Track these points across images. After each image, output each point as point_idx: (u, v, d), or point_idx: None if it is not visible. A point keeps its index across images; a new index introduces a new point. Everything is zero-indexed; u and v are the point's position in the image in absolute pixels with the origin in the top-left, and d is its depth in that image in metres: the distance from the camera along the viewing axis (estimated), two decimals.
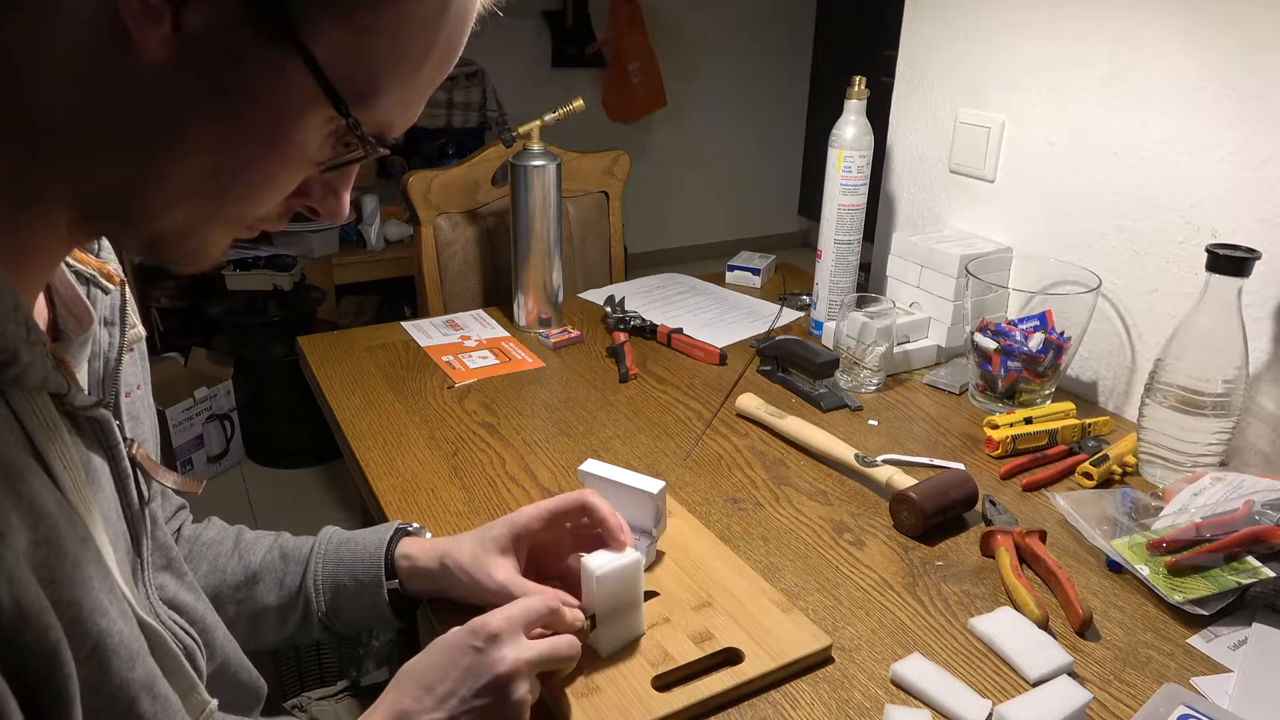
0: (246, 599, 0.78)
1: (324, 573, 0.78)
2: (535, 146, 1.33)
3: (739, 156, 4.33)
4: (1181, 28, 1.05)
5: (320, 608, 0.78)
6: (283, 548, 0.80)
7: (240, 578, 0.78)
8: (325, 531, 0.82)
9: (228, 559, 0.79)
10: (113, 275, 0.58)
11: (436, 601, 0.78)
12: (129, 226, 0.47)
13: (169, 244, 0.49)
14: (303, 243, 2.75)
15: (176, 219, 0.47)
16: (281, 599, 0.78)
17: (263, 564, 0.79)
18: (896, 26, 1.43)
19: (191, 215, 0.47)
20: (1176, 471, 0.98)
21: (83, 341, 0.54)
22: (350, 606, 0.78)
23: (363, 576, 0.77)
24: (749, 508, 0.96)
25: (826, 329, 1.35)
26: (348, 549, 0.78)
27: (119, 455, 0.55)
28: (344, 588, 0.77)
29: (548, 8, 3.62)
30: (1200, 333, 0.95)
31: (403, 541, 0.79)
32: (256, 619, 0.78)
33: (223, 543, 0.80)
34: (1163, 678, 0.73)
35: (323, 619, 0.78)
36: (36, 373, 0.45)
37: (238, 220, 0.49)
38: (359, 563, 0.77)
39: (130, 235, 0.48)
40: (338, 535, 0.81)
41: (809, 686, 0.72)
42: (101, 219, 0.47)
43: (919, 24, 1.40)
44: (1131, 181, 1.13)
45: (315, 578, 0.78)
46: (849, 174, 1.31)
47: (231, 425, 2.57)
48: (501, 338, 1.38)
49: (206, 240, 0.49)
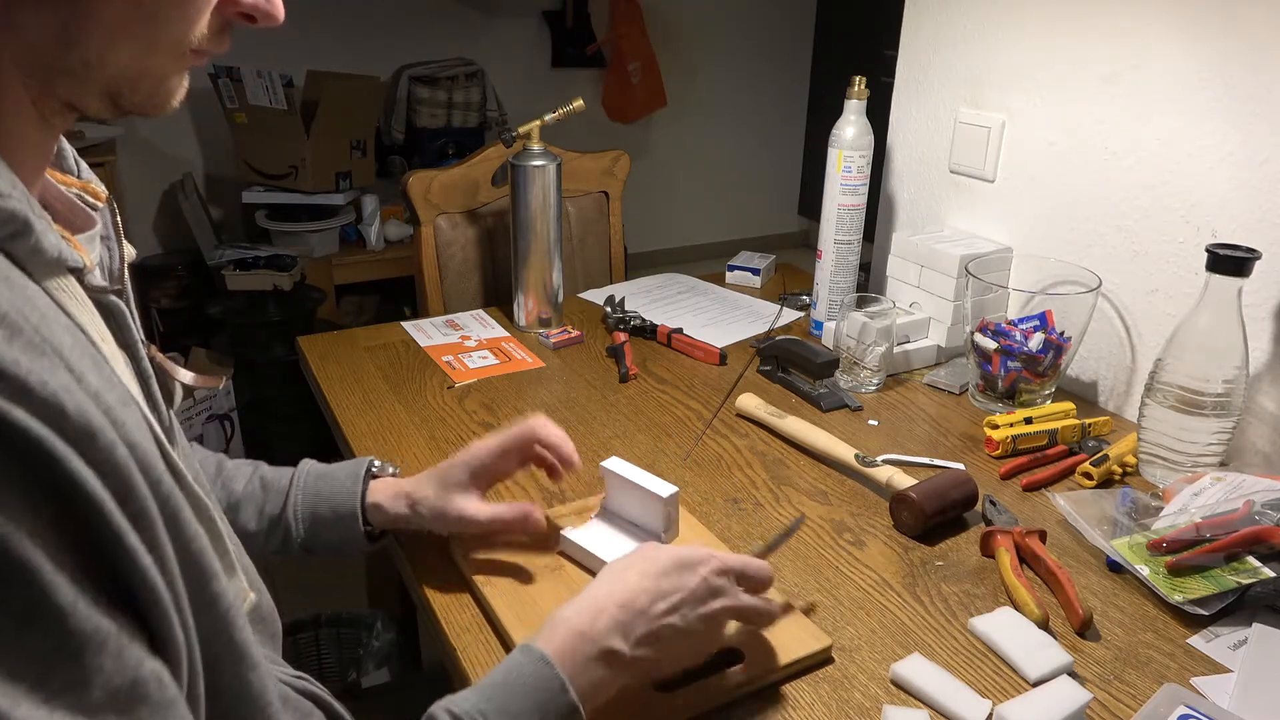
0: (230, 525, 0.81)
1: (303, 503, 0.83)
2: (535, 146, 1.33)
3: (739, 156, 4.33)
4: (1181, 28, 1.05)
5: (299, 534, 0.83)
6: (263, 477, 0.85)
7: (223, 505, 0.82)
8: (304, 464, 0.86)
9: (211, 487, 0.82)
10: (98, 193, 0.59)
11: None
12: (81, 83, 0.48)
13: (126, 90, 0.49)
14: (303, 243, 2.75)
15: (120, 61, 0.48)
16: (262, 525, 0.83)
17: (244, 493, 0.83)
18: (896, 26, 1.43)
19: (133, 52, 0.48)
20: (1176, 471, 0.98)
21: (89, 238, 0.55)
22: (327, 535, 0.83)
23: (340, 509, 0.82)
24: (749, 508, 0.96)
25: (826, 329, 1.35)
26: (325, 483, 0.84)
27: (139, 355, 0.55)
28: (322, 518, 0.83)
29: (548, 8, 3.61)
30: (1200, 333, 0.95)
31: (371, 487, 0.84)
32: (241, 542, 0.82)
33: (204, 470, 0.84)
34: (1163, 678, 0.73)
35: (301, 544, 0.84)
36: (50, 240, 0.46)
37: (179, 46, 0.49)
38: (336, 495, 0.83)
39: (89, 94, 0.49)
40: (315, 468, 0.86)
41: (809, 686, 0.72)
42: (54, 83, 0.48)
43: (919, 24, 1.40)
44: (1131, 181, 1.13)
45: (295, 507, 0.83)
46: (849, 174, 1.31)
47: (231, 425, 2.57)
48: (501, 338, 1.38)
49: (160, 78, 0.50)
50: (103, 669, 0.40)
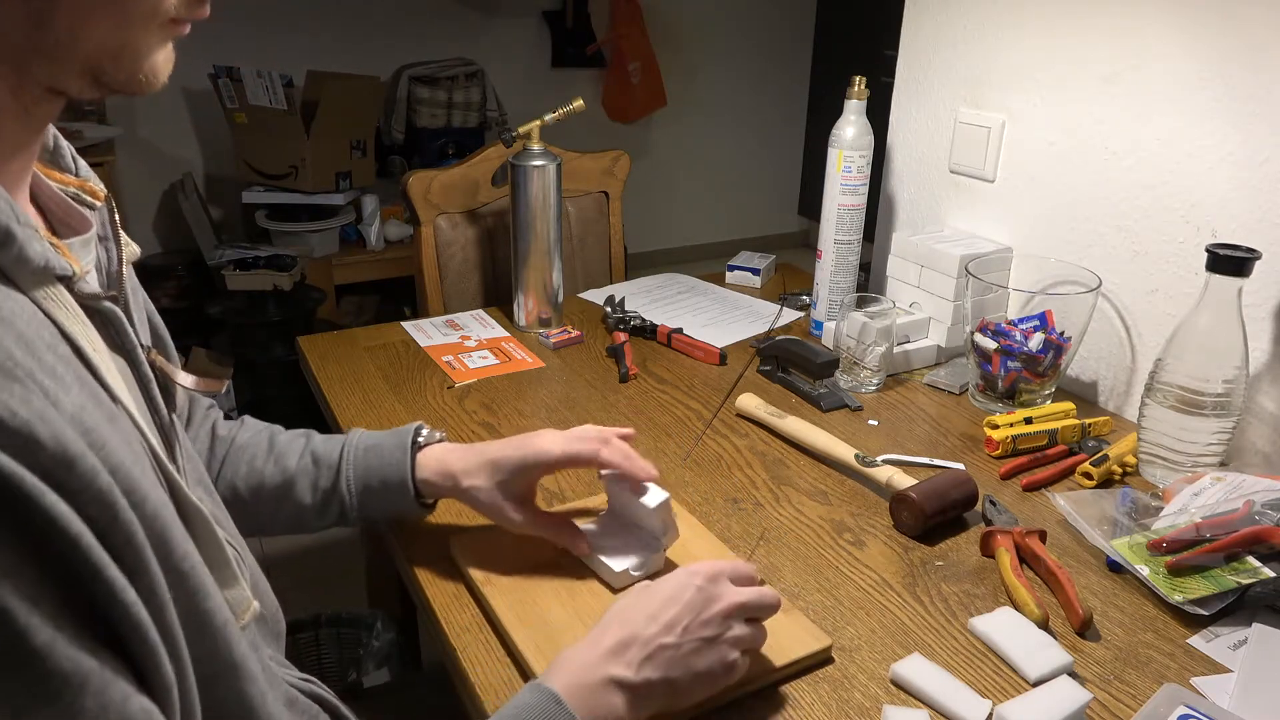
0: (285, 499, 0.84)
1: (354, 476, 0.84)
2: (535, 146, 1.33)
3: (739, 156, 4.33)
4: (1181, 28, 1.05)
5: (352, 506, 0.84)
6: (314, 451, 0.86)
7: (278, 480, 0.84)
8: (353, 435, 0.87)
9: (264, 462, 0.84)
10: (96, 192, 0.58)
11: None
12: (58, 63, 0.47)
13: (108, 67, 0.48)
14: (303, 243, 2.75)
15: (95, 37, 0.46)
16: (316, 500, 0.84)
17: (298, 468, 0.85)
18: (896, 26, 1.43)
19: (107, 26, 0.47)
20: (1176, 471, 0.98)
21: (84, 241, 0.53)
22: (379, 504, 0.85)
23: (390, 481, 0.83)
24: (749, 508, 0.96)
25: (826, 329, 1.35)
26: (374, 456, 0.85)
27: (137, 359, 0.54)
28: (372, 489, 0.84)
29: (548, 8, 3.61)
30: (1200, 333, 0.95)
31: (419, 462, 0.84)
32: (296, 515, 0.85)
33: (257, 444, 0.86)
34: (1163, 678, 0.73)
35: (356, 515, 0.85)
36: (34, 249, 0.45)
37: (154, 15, 0.48)
38: (385, 468, 0.84)
39: (68, 74, 0.47)
40: (364, 440, 0.86)
41: (809, 686, 0.72)
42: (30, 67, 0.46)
43: (919, 24, 1.40)
44: (1131, 181, 1.13)
45: (347, 480, 0.84)
46: (849, 174, 1.31)
47: None
48: (501, 338, 1.38)
49: (140, 51, 0.49)
50: (85, 710, 0.39)
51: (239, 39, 2.89)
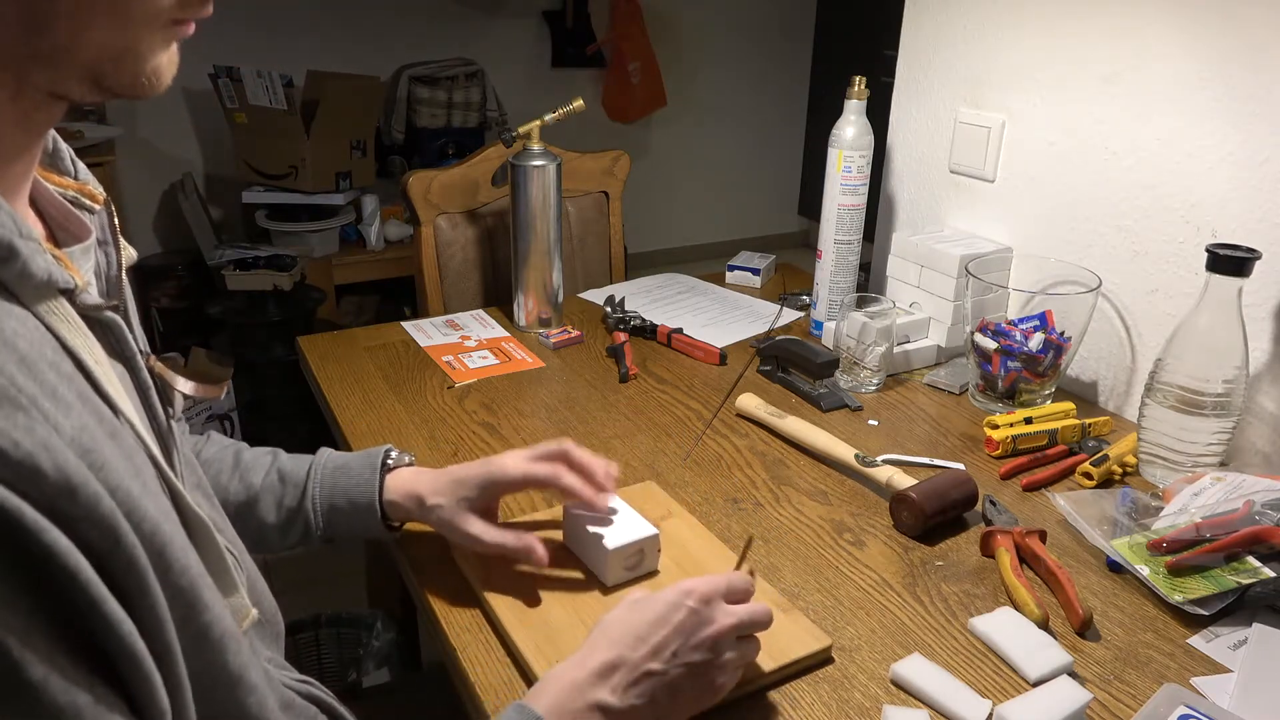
0: (249, 517, 0.83)
1: (321, 496, 0.83)
2: (535, 146, 1.33)
3: (739, 156, 4.33)
4: (1181, 28, 1.05)
5: (318, 526, 0.83)
6: (280, 469, 0.85)
7: (243, 498, 0.83)
8: (321, 455, 0.87)
9: (229, 478, 0.83)
10: (95, 195, 0.57)
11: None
12: (59, 68, 0.46)
13: (110, 70, 0.47)
14: (303, 243, 2.75)
15: (96, 40, 0.45)
16: (281, 518, 0.83)
17: (264, 485, 0.84)
18: (896, 26, 1.43)
19: (107, 29, 0.46)
20: (1176, 471, 0.98)
21: (84, 249, 0.53)
22: (345, 524, 0.84)
23: (358, 503, 0.83)
24: (749, 508, 0.96)
25: (826, 329, 1.35)
26: (342, 476, 0.84)
27: (137, 366, 0.54)
28: (339, 509, 0.83)
29: (548, 8, 3.61)
30: (1200, 333, 0.95)
31: (387, 484, 0.84)
32: (259, 534, 0.84)
33: (223, 460, 0.85)
34: (1163, 678, 0.73)
35: (320, 535, 0.84)
36: (38, 264, 0.44)
37: (156, 17, 0.47)
38: (353, 489, 0.83)
39: (69, 78, 0.47)
40: (332, 460, 0.86)
41: (809, 686, 0.72)
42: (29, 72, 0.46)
43: (919, 24, 1.40)
44: (1131, 181, 1.13)
45: (313, 500, 0.83)
46: (849, 174, 1.31)
47: (231, 425, 2.57)
48: (501, 338, 1.38)
49: (142, 54, 0.48)
50: None
51: (239, 39, 2.89)
